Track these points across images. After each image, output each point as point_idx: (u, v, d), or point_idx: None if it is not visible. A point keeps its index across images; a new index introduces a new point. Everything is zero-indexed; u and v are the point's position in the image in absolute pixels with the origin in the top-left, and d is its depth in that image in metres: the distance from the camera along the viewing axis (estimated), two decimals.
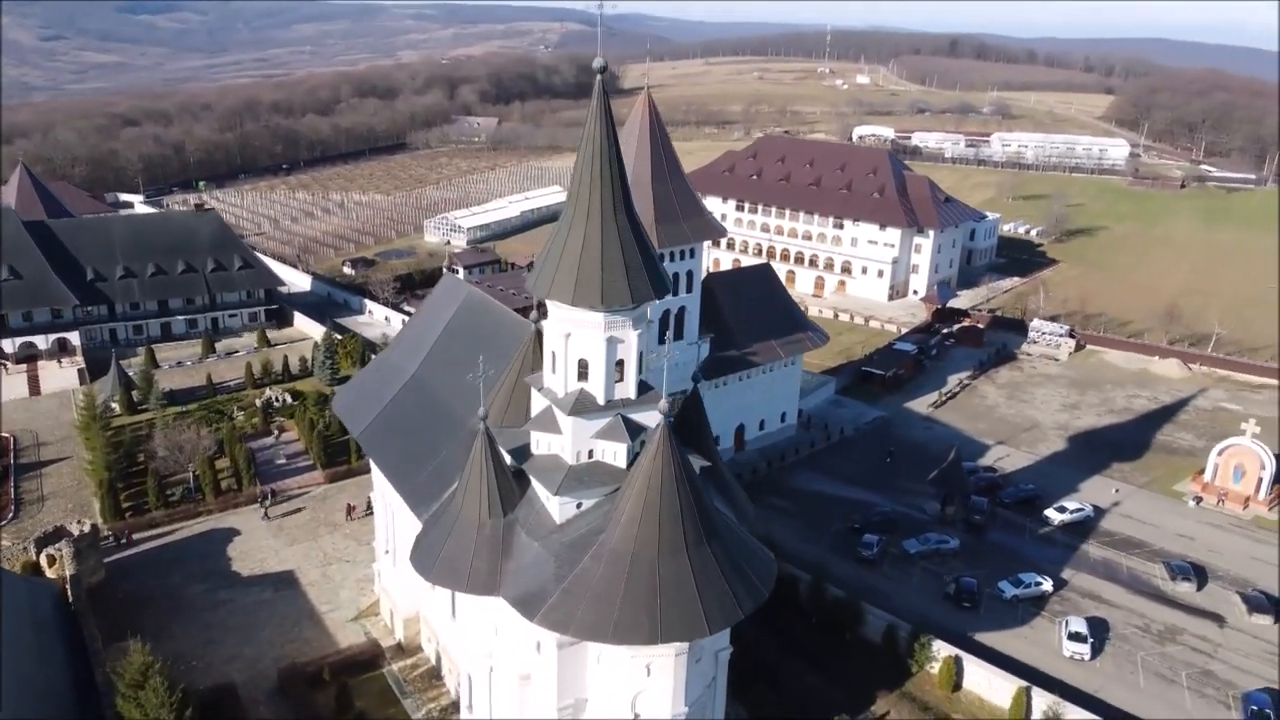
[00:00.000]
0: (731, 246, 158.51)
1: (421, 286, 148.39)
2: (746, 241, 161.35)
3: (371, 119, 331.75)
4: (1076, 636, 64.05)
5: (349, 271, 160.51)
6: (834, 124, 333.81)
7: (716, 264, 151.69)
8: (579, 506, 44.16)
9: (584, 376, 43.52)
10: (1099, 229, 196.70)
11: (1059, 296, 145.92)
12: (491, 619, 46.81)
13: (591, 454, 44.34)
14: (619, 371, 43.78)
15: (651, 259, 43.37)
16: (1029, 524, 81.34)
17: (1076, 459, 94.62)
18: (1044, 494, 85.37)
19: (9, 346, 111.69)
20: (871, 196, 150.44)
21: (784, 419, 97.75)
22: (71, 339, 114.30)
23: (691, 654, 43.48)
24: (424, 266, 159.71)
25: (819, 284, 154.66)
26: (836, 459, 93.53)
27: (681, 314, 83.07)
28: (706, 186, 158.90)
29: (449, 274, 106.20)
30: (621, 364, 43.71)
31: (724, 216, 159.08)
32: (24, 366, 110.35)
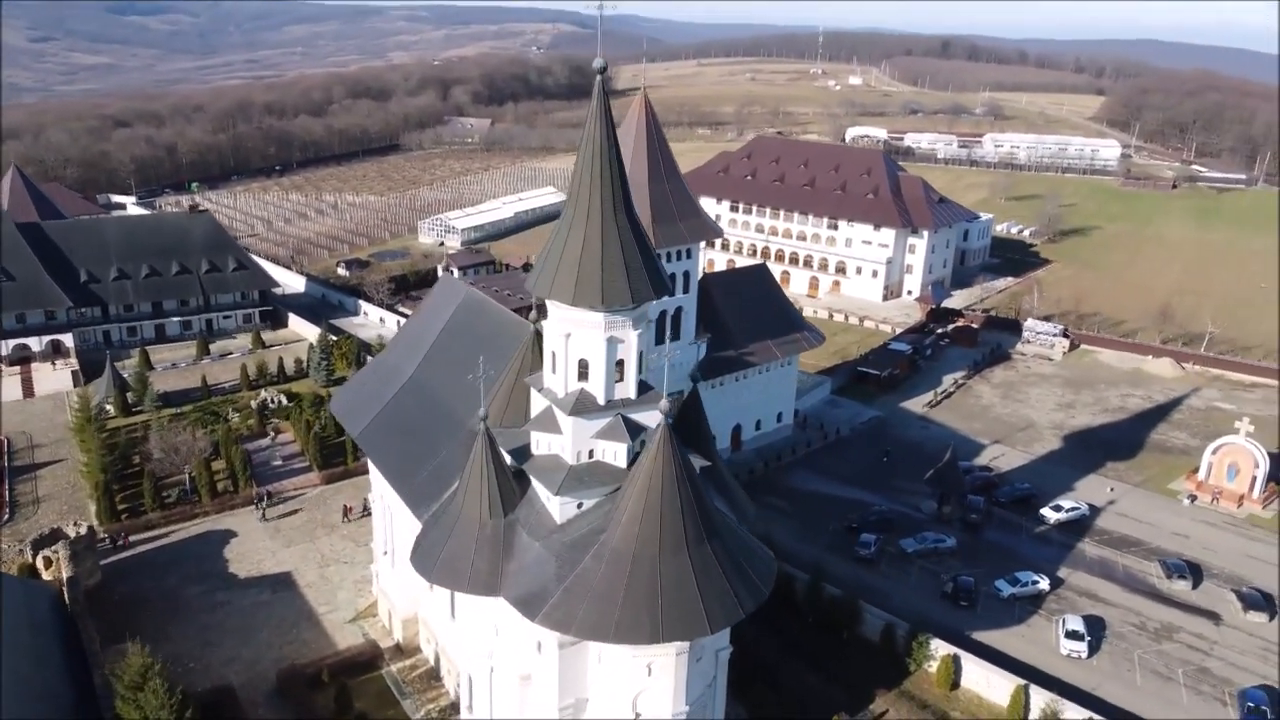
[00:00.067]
0: (726, 247, 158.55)
1: (416, 288, 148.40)
2: (741, 242, 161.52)
3: (364, 120, 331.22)
4: (1074, 634, 64.29)
5: (343, 273, 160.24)
6: (827, 125, 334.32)
7: (711, 265, 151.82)
8: (579, 506, 44.18)
9: (584, 376, 43.56)
10: (1092, 229, 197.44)
11: (1053, 296, 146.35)
12: (492, 619, 46.80)
13: (592, 454, 44.38)
14: (619, 371, 43.82)
15: (651, 259, 43.44)
16: (1025, 523, 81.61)
17: (1072, 458, 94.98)
18: (1040, 493, 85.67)
19: (2, 349, 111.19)
20: (866, 197, 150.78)
21: (780, 419, 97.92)
22: (65, 341, 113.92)
23: (692, 653, 43.53)
24: (418, 268, 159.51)
25: (814, 284, 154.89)
26: (833, 459, 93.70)
27: (678, 314, 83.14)
28: (701, 187, 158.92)
29: (447, 274, 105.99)
30: (621, 364, 43.76)
31: (718, 217, 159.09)
32: (17, 368, 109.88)
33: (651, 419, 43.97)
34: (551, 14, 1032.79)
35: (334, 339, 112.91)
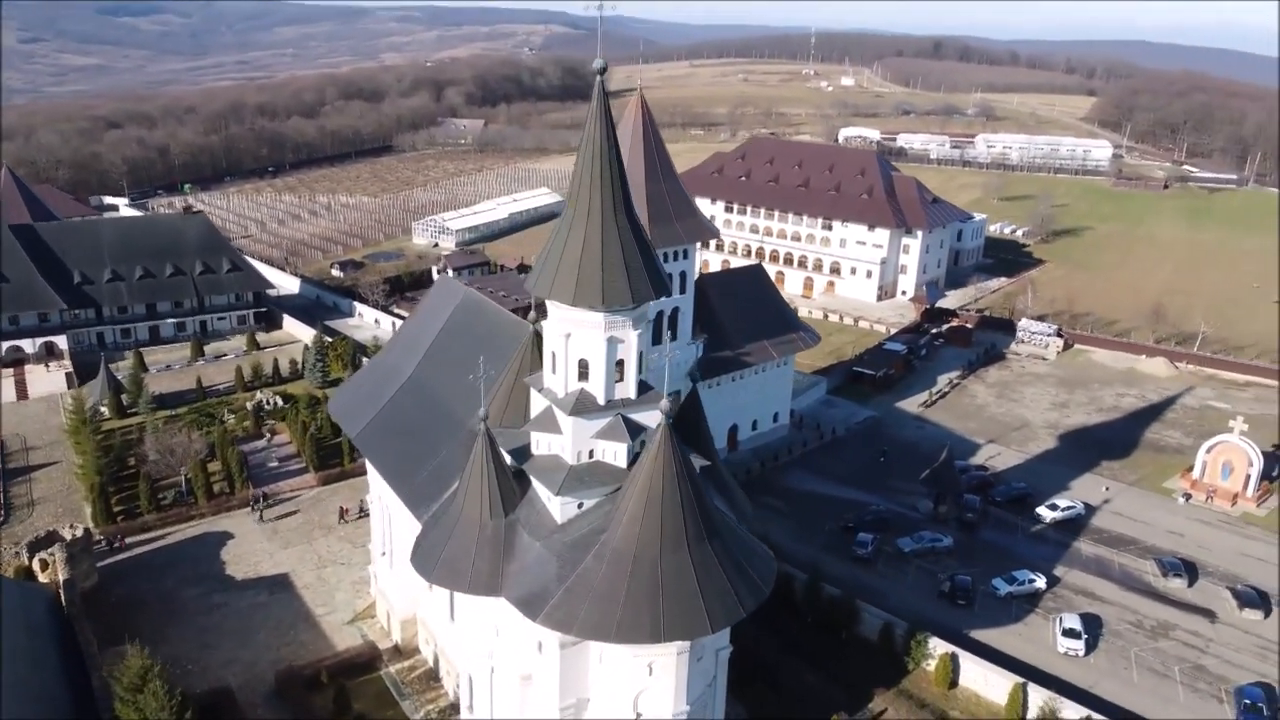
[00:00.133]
0: (720, 248, 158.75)
1: (411, 289, 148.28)
2: (735, 243, 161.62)
3: (357, 121, 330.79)
4: (1070, 633, 64.51)
5: (337, 274, 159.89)
6: (819, 125, 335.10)
7: (706, 265, 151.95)
8: (580, 506, 44.20)
9: (584, 377, 43.58)
10: (1084, 229, 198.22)
11: (1046, 296, 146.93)
12: (492, 620, 46.77)
13: (592, 454, 44.40)
14: (619, 371, 43.86)
15: (651, 259, 43.50)
16: (1021, 522, 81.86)
17: (1066, 457, 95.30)
18: (1035, 492, 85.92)
19: None
20: (860, 197, 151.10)
21: (776, 419, 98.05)
22: (59, 343, 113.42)
23: (693, 653, 43.56)
24: (413, 269, 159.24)
25: (808, 285, 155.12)
26: (829, 459, 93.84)
27: (675, 315, 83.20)
28: (695, 188, 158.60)
29: (445, 275, 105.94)
30: (621, 364, 43.80)
31: (713, 218, 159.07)
32: (11, 370, 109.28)
33: (651, 419, 44.01)
34: (543, 15, 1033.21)
35: (329, 340, 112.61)
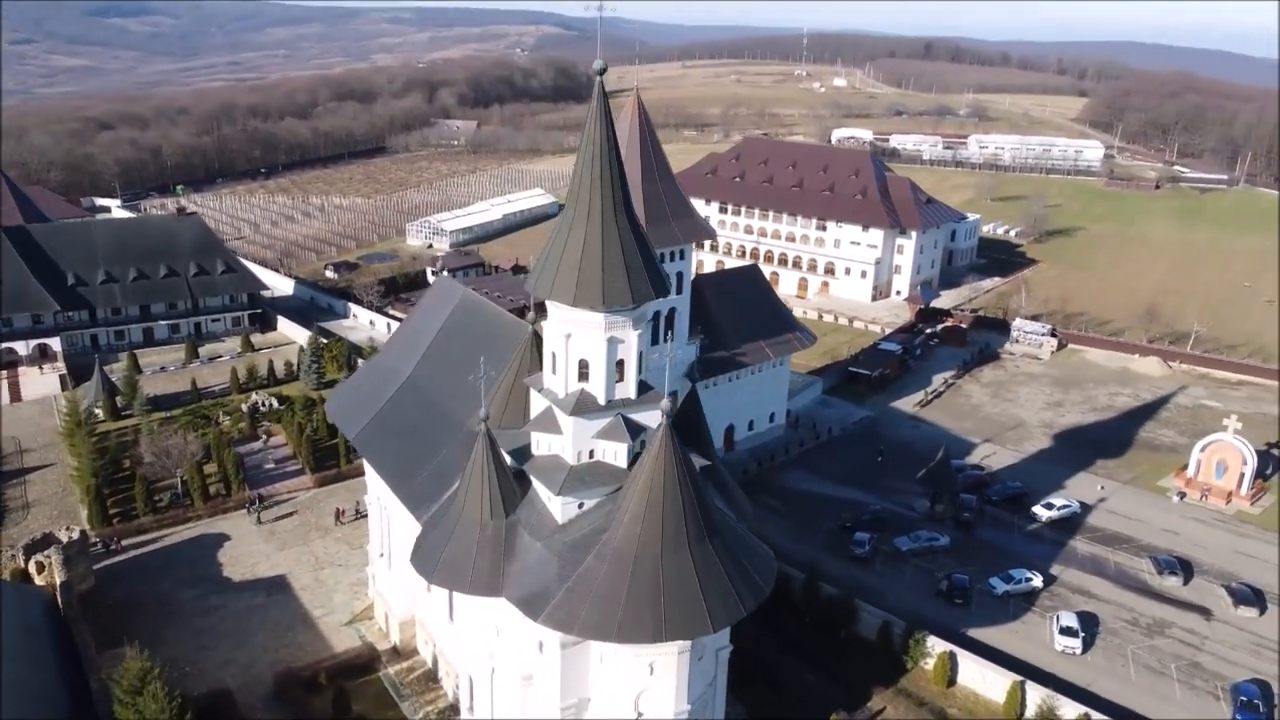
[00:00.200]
0: (715, 249, 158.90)
1: (405, 290, 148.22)
2: (730, 243, 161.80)
3: (350, 122, 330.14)
4: (1067, 631, 64.77)
5: (331, 275, 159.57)
6: (812, 126, 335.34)
7: (700, 266, 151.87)
8: (581, 506, 44.28)
9: (584, 377, 43.66)
10: (1077, 229, 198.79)
11: (1040, 296, 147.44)
12: (493, 620, 46.78)
13: (592, 454, 44.48)
14: (619, 372, 43.94)
15: (651, 259, 43.61)
16: (1017, 521, 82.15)
17: (1062, 456, 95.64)
18: (1031, 491, 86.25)
19: None
20: (854, 198, 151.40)
21: (773, 419, 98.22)
22: (52, 345, 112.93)
23: (694, 652, 43.64)
24: (407, 270, 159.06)
25: (802, 285, 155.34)
26: (825, 458, 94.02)
27: (672, 315, 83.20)
28: (689, 188, 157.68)
29: (443, 276, 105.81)
30: (622, 364, 43.88)
31: (707, 218, 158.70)
32: (4, 373, 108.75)
33: (652, 419, 44.11)
34: (535, 16, 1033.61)
35: (324, 342, 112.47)
